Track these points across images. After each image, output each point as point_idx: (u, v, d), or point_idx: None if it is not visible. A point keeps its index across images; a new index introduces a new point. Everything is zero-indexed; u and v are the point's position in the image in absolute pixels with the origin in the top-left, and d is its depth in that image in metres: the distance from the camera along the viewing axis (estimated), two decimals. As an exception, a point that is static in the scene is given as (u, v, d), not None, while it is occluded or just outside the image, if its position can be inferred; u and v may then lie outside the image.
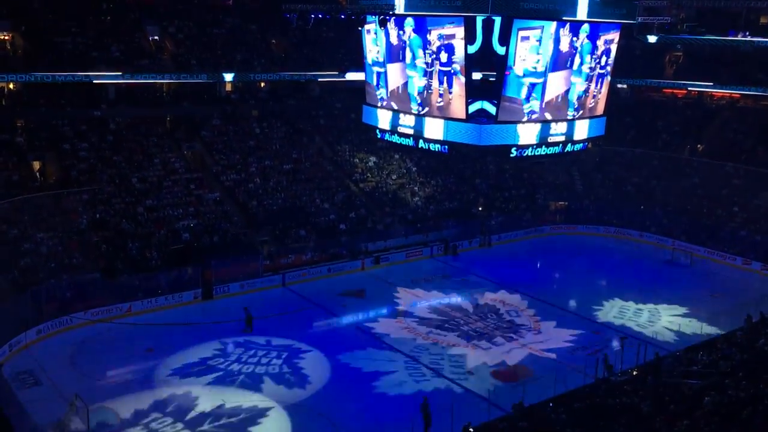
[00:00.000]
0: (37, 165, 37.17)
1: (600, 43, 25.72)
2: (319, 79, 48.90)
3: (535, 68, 24.38)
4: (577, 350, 28.79)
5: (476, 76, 25.55)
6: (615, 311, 33.67)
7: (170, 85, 44.86)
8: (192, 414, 23.66)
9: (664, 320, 32.57)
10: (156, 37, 45.25)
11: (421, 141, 26.66)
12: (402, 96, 26.57)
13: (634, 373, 23.12)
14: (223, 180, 41.47)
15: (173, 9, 47.52)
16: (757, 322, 26.67)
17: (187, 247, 35.42)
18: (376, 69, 27.56)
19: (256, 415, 23.80)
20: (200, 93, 45.79)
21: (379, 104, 28.07)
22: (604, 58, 26.29)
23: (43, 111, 39.61)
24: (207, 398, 24.68)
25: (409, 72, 25.81)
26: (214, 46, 46.64)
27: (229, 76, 45.02)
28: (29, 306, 28.99)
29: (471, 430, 19.58)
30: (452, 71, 24.47)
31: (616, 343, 28.71)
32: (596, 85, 26.64)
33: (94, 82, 40.04)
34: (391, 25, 25.80)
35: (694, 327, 31.45)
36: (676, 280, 38.60)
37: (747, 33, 49.94)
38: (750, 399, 17.12)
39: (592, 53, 25.65)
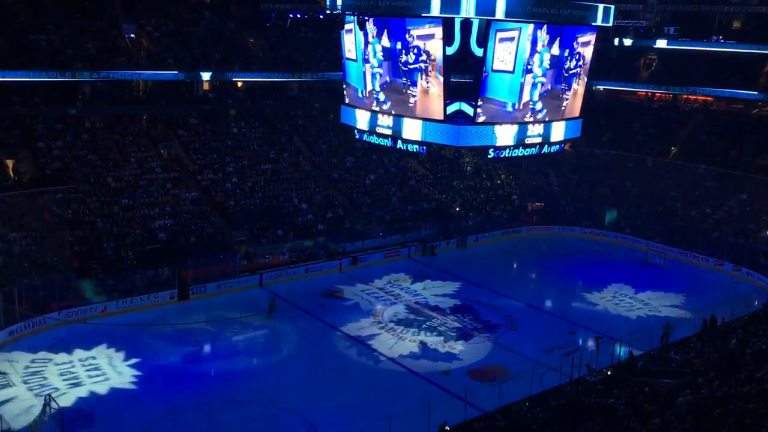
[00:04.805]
0: (10, 163, 36.64)
1: (576, 45, 25.96)
2: (298, 79, 48.83)
3: (512, 70, 24.56)
4: (553, 350, 29.02)
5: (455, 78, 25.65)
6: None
7: (147, 84, 44.48)
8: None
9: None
10: (132, 35, 44.85)
11: (399, 141, 26.69)
12: (380, 96, 26.60)
13: (609, 372, 23.40)
14: (200, 179, 41.21)
15: (150, 6, 47.12)
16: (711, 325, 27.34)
17: (163, 246, 35.15)
18: (354, 69, 27.54)
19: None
20: (177, 92, 45.45)
21: (357, 104, 28.04)
22: (580, 60, 26.53)
23: (17, 109, 39.08)
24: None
25: (388, 72, 25.85)
26: (191, 45, 46.35)
27: (206, 75, 44.75)
28: (1, 306, 28.56)
29: (447, 429, 19.66)
30: (430, 72, 24.56)
31: (591, 343, 28.98)
32: (572, 87, 26.87)
33: (70, 80, 39.58)
34: (370, 25, 25.82)
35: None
36: (649, 279, 39.15)
37: (720, 37, 50.80)
38: (722, 398, 17.38)
39: (568, 55, 25.89)
